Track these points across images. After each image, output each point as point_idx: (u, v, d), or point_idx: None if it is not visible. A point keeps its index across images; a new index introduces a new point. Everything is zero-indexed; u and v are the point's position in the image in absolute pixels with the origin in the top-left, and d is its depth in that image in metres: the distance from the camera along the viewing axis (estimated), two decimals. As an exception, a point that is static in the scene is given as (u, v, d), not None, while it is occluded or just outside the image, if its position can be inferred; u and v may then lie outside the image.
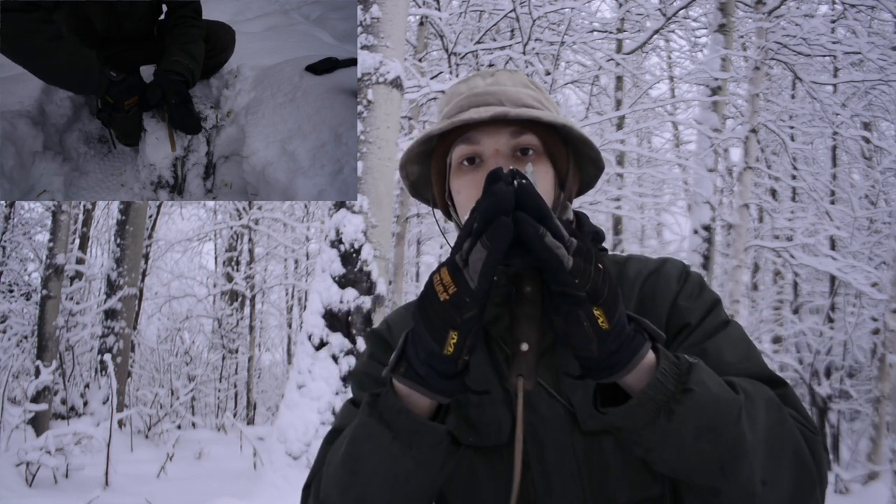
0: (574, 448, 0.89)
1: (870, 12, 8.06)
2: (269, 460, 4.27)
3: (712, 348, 0.89)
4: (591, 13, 10.51)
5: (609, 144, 7.78)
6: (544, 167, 0.95)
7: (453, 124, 0.93)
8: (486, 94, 0.96)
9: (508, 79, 1.00)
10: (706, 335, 0.91)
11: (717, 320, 0.93)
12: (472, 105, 0.96)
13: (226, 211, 14.06)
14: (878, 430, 7.57)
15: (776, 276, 11.98)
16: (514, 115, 0.91)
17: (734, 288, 6.58)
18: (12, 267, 11.57)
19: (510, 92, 0.97)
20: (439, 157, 1.00)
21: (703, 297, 0.96)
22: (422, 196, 1.10)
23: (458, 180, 0.96)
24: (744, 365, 0.88)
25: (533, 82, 1.02)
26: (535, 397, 0.91)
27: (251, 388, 13.31)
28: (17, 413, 6.30)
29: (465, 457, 0.93)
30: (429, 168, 1.05)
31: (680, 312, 0.94)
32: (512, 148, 0.94)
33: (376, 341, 1.06)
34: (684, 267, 1.00)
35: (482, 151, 0.94)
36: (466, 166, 0.95)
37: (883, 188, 9.58)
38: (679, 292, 0.96)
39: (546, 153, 0.96)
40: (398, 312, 1.10)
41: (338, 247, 4.46)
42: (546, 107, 0.99)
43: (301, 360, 4.40)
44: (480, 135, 0.94)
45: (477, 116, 0.91)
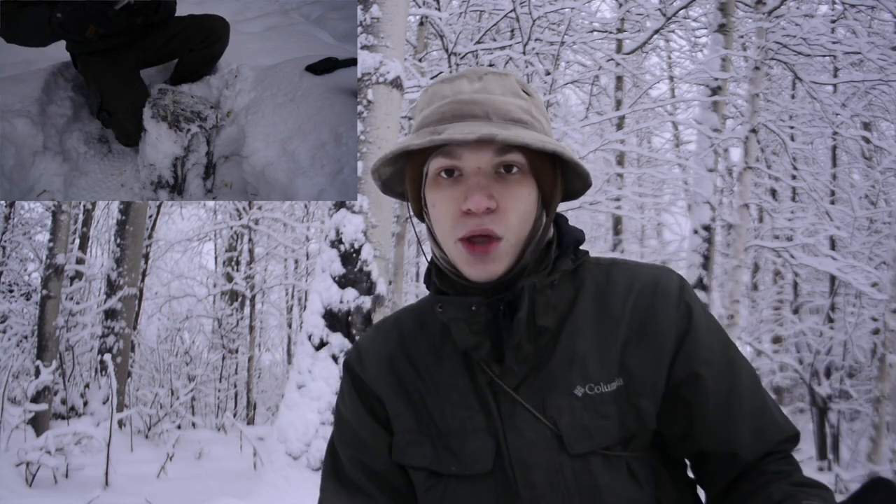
0: (563, 472, 0.88)
1: (870, 12, 8.05)
2: (269, 460, 4.27)
3: (730, 419, 0.91)
4: (591, 13, 10.50)
5: (609, 144, 7.78)
6: (528, 187, 0.89)
7: (434, 142, 0.86)
8: (471, 102, 0.89)
9: (497, 85, 0.92)
10: (723, 397, 0.91)
11: (732, 374, 0.92)
12: (456, 114, 0.89)
13: (226, 211, 14.05)
14: (878, 430, 7.56)
15: (776, 276, 11.97)
16: (502, 139, 0.84)
17: (734, 288, 6.57)
18: (12, 267, 11.56)
19: (498, 103, 0.89)
20: (415, 163, 0.94)
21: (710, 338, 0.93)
22: (394, 192, 1.04)
23: (435, 193, 0.91)
24: (789, 425, 0.93)
25: (524, 87, 0.95)
26: (520, 421, 0.90)
27: (251, 388, 13.30)
28: (17, 413, 6.30)
29: (449, 487, 0.92)
30: (402, 168, 0.98)
31: (690, 357, 0.91)
32: (494, 165, 0.88)
33: (348, 377, 1.02)
34: (681, 285, 0.95)
35: (462, 167, 0.88)
36: (444, 178, 0.89)
37: (883, 188, 9.57)
38: (688, 329, 0.92)
39: (531, 171, 0.90)
40: (370, 337, 1.05)
41: (338, 247, 4.46)
42: (536, 118, 0.92)
43: (301, 360, 4.40)
44: (462, 150, 0.88)
45: (461, 137, 0.84)
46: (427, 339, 0.99)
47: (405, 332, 1.01)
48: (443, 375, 0.95)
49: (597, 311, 0.93)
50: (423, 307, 1.03)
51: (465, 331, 0.90)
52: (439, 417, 0.93)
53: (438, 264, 0.95)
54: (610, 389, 0.89)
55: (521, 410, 0.90)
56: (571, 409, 0.88)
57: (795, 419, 11.64)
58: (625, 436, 0.89)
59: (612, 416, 0.88)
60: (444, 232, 0.91)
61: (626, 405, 0.89)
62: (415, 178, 0.95)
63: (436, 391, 0.95)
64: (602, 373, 0.90)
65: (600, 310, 0.93)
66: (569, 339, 0.92)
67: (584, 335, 0.92)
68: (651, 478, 0.90)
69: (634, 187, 11.14)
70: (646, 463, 0.91)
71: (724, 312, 6.54)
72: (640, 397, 0.89)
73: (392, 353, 0.99)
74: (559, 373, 0.90)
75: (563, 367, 0.90)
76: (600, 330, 0.92)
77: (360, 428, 0.99)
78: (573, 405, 0.88)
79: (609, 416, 0.88)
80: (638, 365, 0.90)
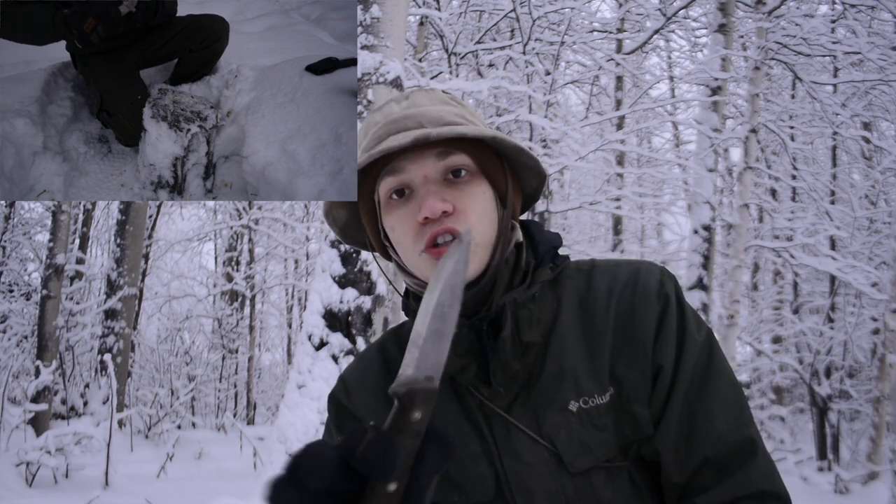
0: (565, 492, 0.85)
1: (870, 12, 8.06)
2: (269, 460, 4.27)
3: (701, 411, 0.85)
4: (591, 13, 10.51)
5: (609, 144, 7.78)
6: (481, 187, 0.87)
7: (371, 157, 0.83)
8: (403, 118, 0.87)
9: (425, 98, 0.91)
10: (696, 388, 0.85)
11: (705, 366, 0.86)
12: (391, 133, 0.87)
13: (226, 211, 14.07)
14: (878, 430, 7.57)
15: (776, 276, 11.98)
16: (437, 135, 0.81)
17: (734, 288, 6.58)
18: (12, 267, 11.57)
19: (429, 112, 0.88)
20: (365, 195, 0.91)
21: (689, 330, 0.88)
22: (354, 240, 1.00)
23: (390, 217, 0.88)
24: (734, 436, 0.84)
25: (453, 97, 0.94)
26: (516, 443, 0.86)
27: (251, 388, 13.31)
28: (17, 413, 6.30)
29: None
30: (356, 210, 0.95)
31: (663, 349, 0.86)
32: (441, 172, 0.85)
33: (334, 409, 0.99)
34: (661, 279, 0.90)
35: (410, 180, 0.85)
36: (396, 200, 0.86)
37: (883, 188, 9.58)
38: (662, 318, 0.87)
39: (481, 171, 0.87)
40: (354, 368, 1.01)
41: (338, 247, 4.46)
42: (470, 121, 0.90)
43: (301, 360, 4.40)
44: (405, 162, 0.85)
45: (396, 144, 0.81)
46: None
47: (389, 359, 0.98)
48: None
49: (581, 321, 0.90)
50: (404, 332, 1.00)
51: (450, 355, 0.89)
52: None
53: (414, 291, 0.92)
54: (604, 401, 0.86)
55: (516, 432, 0.87)
56: (568, 426, 0.85)
57: (795, 419, 11.64)
58: (624, 444, 0.86)
59: (609, 427, 0.86)
60: (407, 251, 0.87)
61: (622, 413, 0.86)
62: (369, 213, 0.92)
63: None
64: (594, 384, 0.87)
65: (584, 319, 0.90)
66: (556, 352, 0.88)
67: (572, 347, 0.88)
68: (651, 483, 0.88)
69: (634, 187, 11.13)
70: (645, 469, 0.89)
71: (724, 312, 6.55)
72: (633, 403, 0.86)
73: (378, 383, 0.96)
74: (551, 388, 0.87)
75: (554, 383, 0.87)
76: (587, 340, 0.89)
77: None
78: (569, 421, 0.86)
79: (606, 427, 0.86)
80: (626, 370, 0.87)
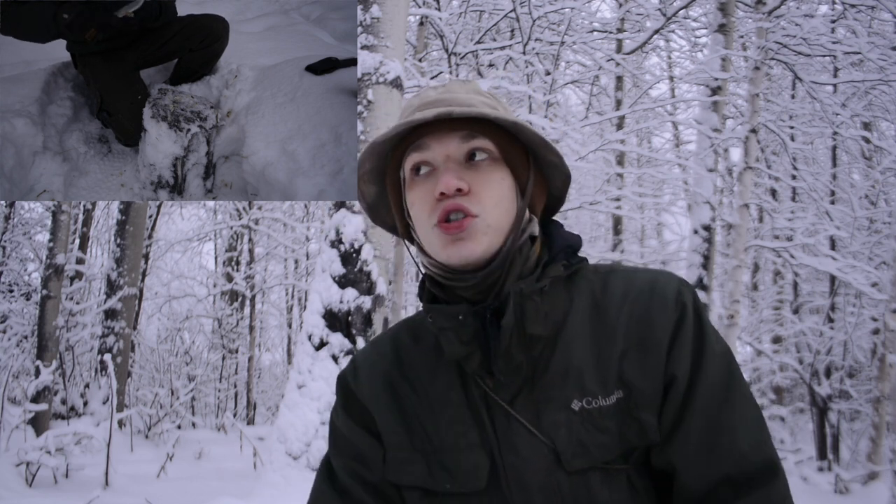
0: (560, 489, 0.85)
1: (870, 12, 8.06)
2: (269, 460, 4.27)
3: (723, 427, 0.85)
4: (591, 13, 10.50)
5: (609, 144, 7.78)
6: (500, 173, 0.89)
7: (397, 128, 0.88)
8: (436, 101, 0.91)
9: (461, 87, 0.94)
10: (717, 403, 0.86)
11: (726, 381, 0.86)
12: (421, 110, 0.90)
13: (226, 211, 14.06)
14: (878, 430, 7.57)
15: (776, 276, 11.97)
16: (459, 112, 0.85)
17: (734, 288, 6.57)
18: (12, 267, 11.56)
19: (461, 98, 0.91)
20: (393, 170, 0.95)
21: (708, 342, 0.88)
22: (381, 220, 1.03)
23: (412, 193, 0.91)
24: (758, 456, 0.84)
25: (490, 93, 0.97)
26: (515, 437, 0.87)
27: (251, 388, 13.30)
28: (17, 413, 6.30)
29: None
30: (384, 186, 0.98)
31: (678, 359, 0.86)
32: (464, 153, 0.88)
33: (342, 391, 1.02)
34: (679, 289, 0.90)
35: (433, 158, 0.89)
36: (419, 176, 0.90)
37: (883, 188, 9.57)
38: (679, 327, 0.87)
39: (503, 158, 0.90)
40: (366, 352, 1.03)
41: (338, 247, 4.46)
42: (499, 109, 0.93)
43: (301, 360, 4.40)
44: (431, 140, 0.89)
45: (420, 117, 0.86)
46: (422, 353, 0.97)
47: (401, 346, 1.00)
48: (437, 390, 0.93)
49: (592, 322, 0.90)
50: (418, 320, 1.02)
51: (454, 341, 0.88)
52: (433, 433, 0.91)
53: (430, 272, 0.93)
54: (608, 403, 0.86)
55: (516, 425, 0.87)
56: (568, 424, 0.86)
57: (795, 419, 11.64)
58: (626, 449, 0.86)
59: (611, 430, 0.86)
60: (422, 225, 0.90)
61: (628, 418, 0.86)
62: (396, 190, 0.95)
63: (430, 406, 0.93)
64: (600, 386, 0.87)
65: (596, 320, 0.90)
66: (564, 350, 0.89)
67: (580, 346, 0.89)
68: (652, 489, 0.88)
69: (634, 187, 11.13)
70: (647, 474, 0.88)
71: (724, 312, 6.55)
72: (641, 410, 0.86)
73: (387, 370, 0.98)
74: (555, 386, 0.88)
75: (559, 380, 0.88)
76: (597, 341, 0.89)
77: (355, 439, 0.98)
78: (570, 420, 0.86)
79: (608, 430, 0.85)
80: (638, 377, 0.87)
